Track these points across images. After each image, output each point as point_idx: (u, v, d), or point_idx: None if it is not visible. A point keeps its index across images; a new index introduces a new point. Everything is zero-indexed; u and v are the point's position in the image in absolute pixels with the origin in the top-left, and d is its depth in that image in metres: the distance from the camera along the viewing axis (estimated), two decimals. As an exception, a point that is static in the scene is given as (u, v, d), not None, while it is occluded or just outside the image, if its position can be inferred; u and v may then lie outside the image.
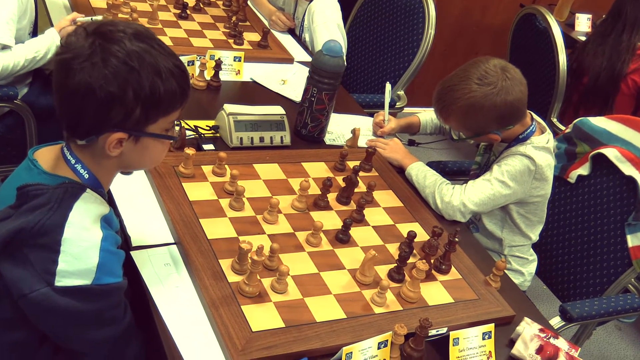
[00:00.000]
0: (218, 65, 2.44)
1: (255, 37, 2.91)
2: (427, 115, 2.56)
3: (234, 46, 2.78)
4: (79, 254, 1.29)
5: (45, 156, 1.40)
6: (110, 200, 1.57)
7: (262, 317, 1.53)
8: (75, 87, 1.28)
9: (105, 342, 1.40)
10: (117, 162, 1.41)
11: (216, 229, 1.73)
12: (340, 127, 2.47)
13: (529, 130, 2.12)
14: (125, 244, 1.63)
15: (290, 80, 2.68)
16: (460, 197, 2.06)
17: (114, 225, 1.44)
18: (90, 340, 1.39)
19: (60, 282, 1.28)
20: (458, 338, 1.57)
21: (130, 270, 1.60)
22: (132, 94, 1.29)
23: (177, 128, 1.46)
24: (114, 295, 1.38)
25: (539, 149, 2.10)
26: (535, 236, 2.27)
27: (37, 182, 1.32)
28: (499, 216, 2.23)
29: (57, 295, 1.28)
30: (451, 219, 2.08)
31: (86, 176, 1.38)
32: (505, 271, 1.97)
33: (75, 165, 1.38)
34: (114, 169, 1.45)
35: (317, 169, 2.11)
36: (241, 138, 2.13)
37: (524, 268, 2.29)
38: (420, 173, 2.17)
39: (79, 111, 1.31)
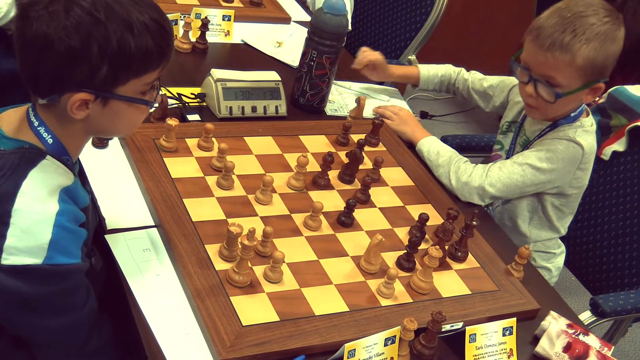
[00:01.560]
0: (205, 25, 2.43)
1: (247, -7, 2.90)
2: (430, 69, 2.48)
3: (223, 3, 2.77)
4: (29, 228, 1.29)
5: (10, 118, 1.40)
6: (81, 177, 1.56)
7: (254, 310, 1.52)
8: (33, 38, 1.27)
9: (61, 332, 1.40)
10: (84, 127, 1.40)
11: (202, 210, 1.73)
12: (343, 95, 2.45)
13: (580, 108, 2.06)
14: (100, 226, 1.62)
15: (286, 42, 2.66)
16: (480, 180, 2.03)
17: (80, 200, 1.43)
18: (42, 329, 1.38)
19: (7, 260, 1.28)
20: (475, 334, 1.58)
21: (105, 256, 1.59)
22: (97, 49, 1.27)
23: (156, 92, 1.44)
24: (70, 279, 1.37)
25: (589, 133, 2.05)
26: (564, 229, 2.24)
27: None
28: (528, 207, 2.17)
29: (3, 275, 1.28)
30: (466, 201, 2.07)
31: (50, 141, 1.37)
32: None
33: (39, 128, 1.37)
34: (81, 135, 1.44)
35: (317, 143, 2.10)
36: (230, 107, 2.12)
37: (550, 263, 2.27)
38: (433, 149, 2.15)
39: (37, 66, 1.30)
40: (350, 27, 2.96)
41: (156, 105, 1.94)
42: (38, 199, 1.31)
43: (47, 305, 1.36)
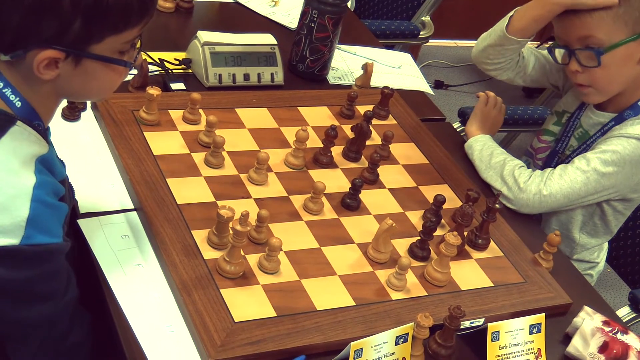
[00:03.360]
0: (190, -19, 2.43)
1: (237, -56, 2.89)
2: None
3: (211, -44, 2.76)
4: (3, 204, 1.28)
5: None
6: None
7: (247, 304, 1.53)
8: None
9: (37, 323, 1.40)
10: (53, 89, 1.39)
11: (188, 191, 1.73)
12: (348, 62, 2.45)
13: None
14: (72, 210, 1.62)
15: (283, 0, 2.66)
16: (538, 189, 1.97)
17: (57, 171, 1.43)
18: (18, 319, 1.38)
19: None
20: (498, 332, 1.58)
21: (77, 243, 1.60)
22: (69, 0, 1.26)
23: (136, 51, 1.43)
24: (51, 261, 1.37)
25: None
26: (614, 233, 2.21)
27: None
28: (583, 211, 2.13)
29: None
30: (523, 212, 2.01)
31: (18, 104, 1.37)
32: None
33: (4, 90, 1.36)
34: (52, 98, 1.43)
35: (318, 115, 2.10)
36: (220, 75, 2.12)
37: (590, 270, 2.26)
38: (487, 149, 2.10)
39: (1, 18, 1.29)
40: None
41: (135, 70, 1.94)
42: (11, 171, 1.30)
43: (24, 292, 1.35)
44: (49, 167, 1.38)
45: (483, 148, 2.11)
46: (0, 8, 1.28)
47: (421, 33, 3.14)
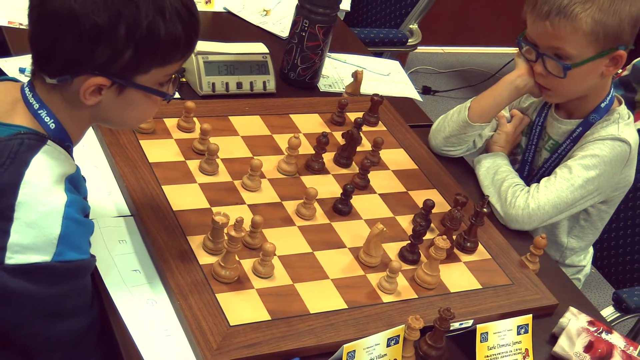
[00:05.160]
0: (183, -8, 2.42)
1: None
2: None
3: (203, -33, 2.76)
4: (36, 222, 1.28)
5: None
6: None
7: (242, 308, 1.53)
8: (56, 11, 1.27)
9: (66, 340, 1.40)
10: (91, 114, 1.41)
11: (183, 198, 1.73)
12: (338, 69, 2.45)
13: (610, 96, 2.03)
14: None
15: (274, 10, 2.66)
16: (525, 203, 1.95)
17: (82, 190, 1.44)
18: (47, 334, 1.38)
19: (12, 258, 1.27)
20: (487, 333, 1.58)
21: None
22: (124, 30, 1.28)
23: (173, 84, 1.45)
24: (80, 277, 1.38)
25: (630, 125, 2.00)
26: (600, 232, 2.20)
27: None
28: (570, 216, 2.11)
29: (8, 276, 1.28)
30: (514, 228, 1.99)
31: (52, 126, 1.37)
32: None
33: (39, 112, 1.37)
34: (86, 122, 1.44)
35: (310, 123, 2.10)
36: (213, 84, 2.12)
37: (578, 274, 2.26)
38: (494, 166, 2.08)
39: (55, 41, 1.30)
40: (348, 7, 2.96)
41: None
42: (44, 189, 1.30)
43: (55, 307, 1.35)
44: (76, 185, 1.40)
45: (490, 166, 2.09)
46: (56, 33, 1.29)
47: (409, 41, 3.13)
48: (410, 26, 3.17)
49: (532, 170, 2.16)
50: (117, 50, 1.30)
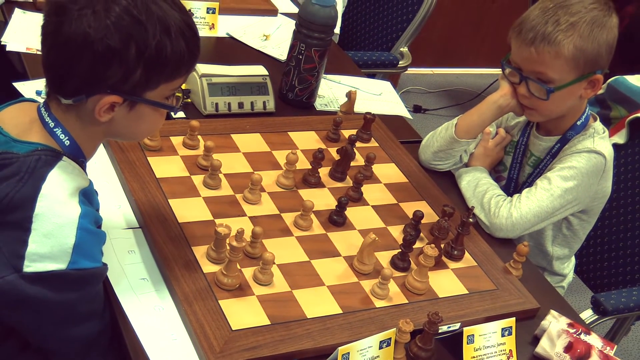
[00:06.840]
0: (188, 18, 2.42)
1: (231, -16, 2.89)
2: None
3: (207, -4, 2.77)
4: (52, 232, 1.29)
5: (15, 119, 1.39)
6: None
7: (244, 314, 1.53)
8: (70, 37, 1.28)
9: (81, 344, 1.41)
10: (104, 130, 1.41)
11: (188, 210, 1.73)
12: (333, 90, 2.46)
13: (586, 114, 2.04)
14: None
15: (273, 35, 2.66)
16: (508, 213, 1.96)
17: (94, 202, 1.44)
18: (63, 338, 1.39)
19: (30, 267, 1.28)
20: (473, 335, 1.58)
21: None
22: (134, 51, 1.29)
23: (177, 98, 1.46)
24: (93, 283, 1.38)
25: (605, 139, 2.01)
26: (582, 240, 2.20)
27: (4, 151, 1.32)
28: (552, 225, 2.11)
29: (27, 284, 1.28)
30: (499, 236, 1.99)
31: (67, 143, 1.38)
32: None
33: (55, 130, 1.37)
34: (99, 137, 1.45)
35: (307, 140, 2.11)
36: (216, 104, 2.13)
37: (562, 283, 2.25)
38: (474, 180, 2.08)
39: (70, 65, 1.31)
40: (338, 30, 2.96)
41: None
42: (59, 202, 1.31)
43: (70, 312, 1.36)
44: (90, 198, 1.40)
45: (471, 180, 2.09)
46: (72, 57, 1.30)
47: (400, 62, 3.14)
48: (401, 49, 3.18)
49: (517, 186, 2.16)
50: (128, 70, 1.31)
